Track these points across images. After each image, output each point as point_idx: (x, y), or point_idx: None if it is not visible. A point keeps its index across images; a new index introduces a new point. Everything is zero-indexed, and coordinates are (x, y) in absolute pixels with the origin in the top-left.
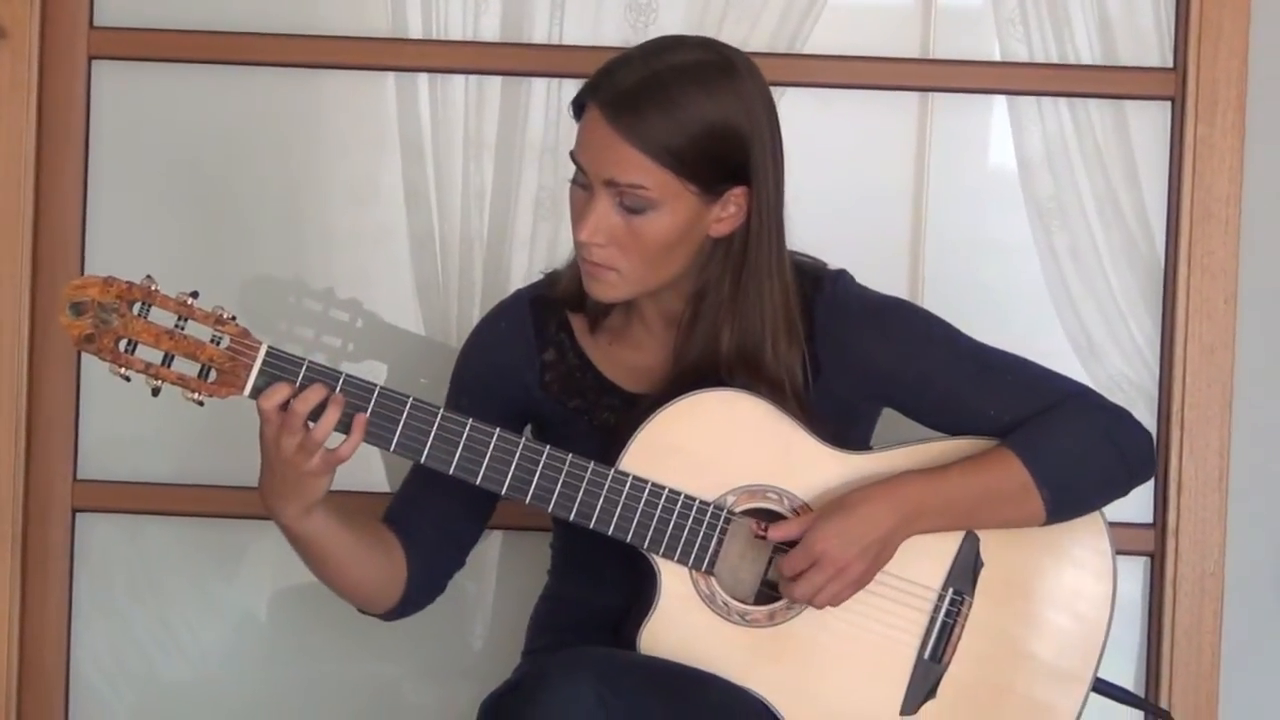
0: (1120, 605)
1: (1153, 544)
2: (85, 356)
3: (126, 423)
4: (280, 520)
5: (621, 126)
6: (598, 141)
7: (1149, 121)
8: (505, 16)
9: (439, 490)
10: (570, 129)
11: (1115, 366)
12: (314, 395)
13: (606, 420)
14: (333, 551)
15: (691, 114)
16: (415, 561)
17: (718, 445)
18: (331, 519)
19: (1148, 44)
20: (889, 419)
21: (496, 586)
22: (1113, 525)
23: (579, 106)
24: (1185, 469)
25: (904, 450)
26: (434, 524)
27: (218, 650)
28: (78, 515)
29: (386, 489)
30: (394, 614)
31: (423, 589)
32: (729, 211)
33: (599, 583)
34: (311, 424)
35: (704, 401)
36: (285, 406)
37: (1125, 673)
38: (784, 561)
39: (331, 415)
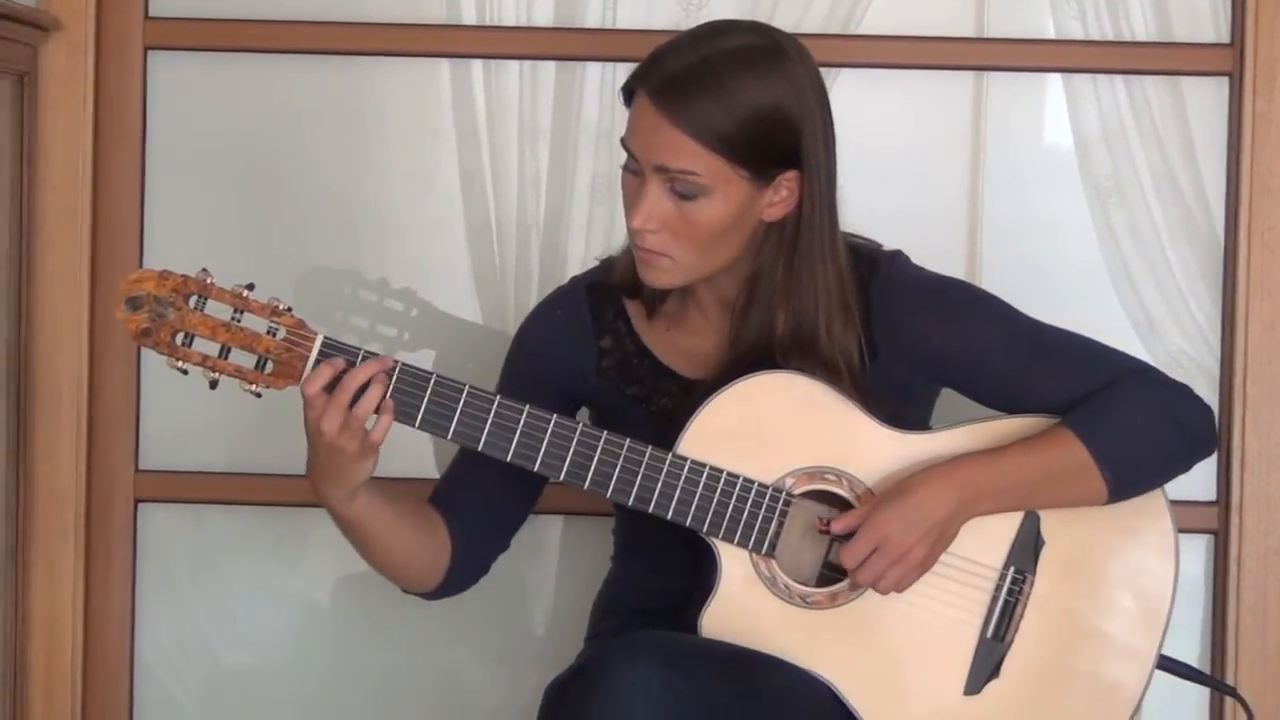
0: (1185, 584)
1: (1216, 521)
2: (144, 349)
3: (187, 413)
4: (327, 504)
5: (671, 112)
6: (648, 128)
7: (1206, 97)
8: (558, 2)
9: (484, 473)
10: (624, 113)
11: (1175, 344)
12: (361, 374)
13: (664, 406)
14: (378, 533)
15: (741, 99)
16: (459, 543)
17: (775, 427)
18: (376, 501)
19: (1204, 20)
20: (948, 398)
21: (558, 572)
22: (1176, 503)
23: (629, 93)
24: (1248, 445)
25: (962, 430)
26: (479, 506)
27: (280, 637)
28: (140, 505)
29: (436, 474)
30: (436, 594)
31: (466, 570)
32: (781, 196)
33: (661, 567)
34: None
35: (760, 384)
36: (330, 389)
37: (1190, 651)
38: (846, 549)
39: (373, 394)
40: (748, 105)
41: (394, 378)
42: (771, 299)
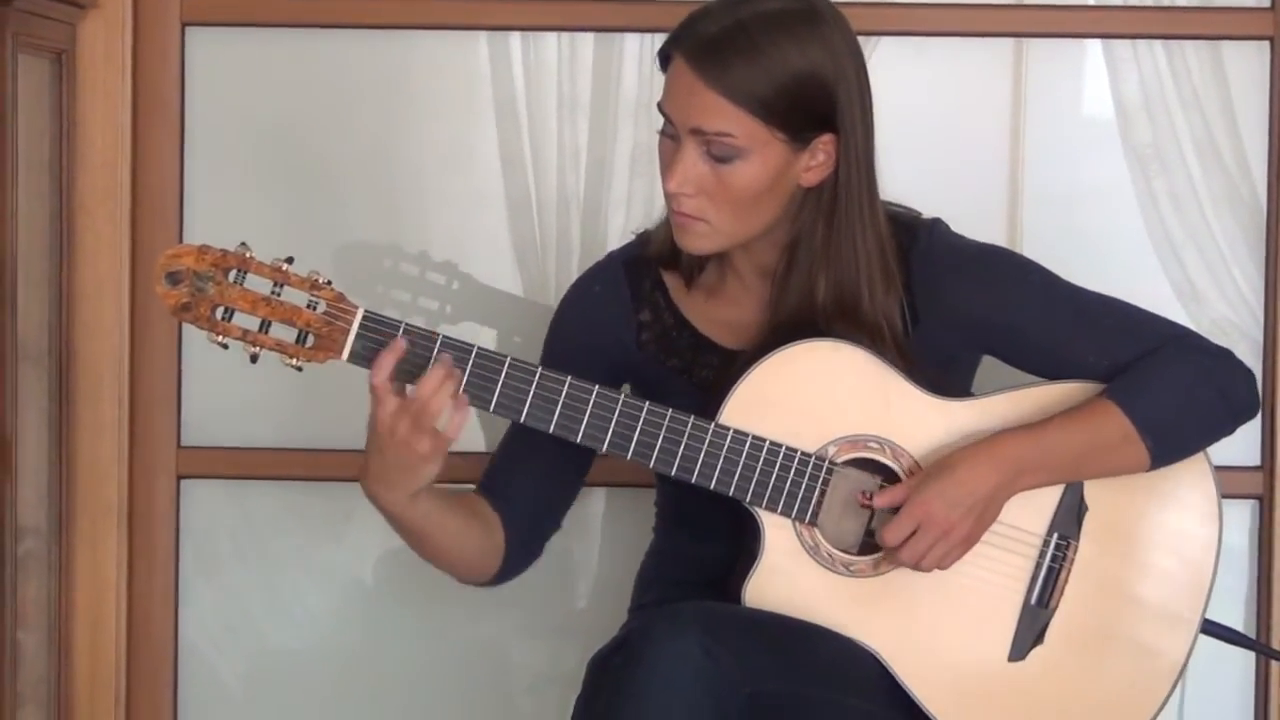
0: (1228, 551)
1: (1261, 487)
2: (186, 325)
3: (229, 389)
4: (387, 508)
5: (706, 75)
6: (683, 90)
7: (1247, 63)
8: None
9: (532, 457)
10: (663, 85)
11: (1218, 311)
12: (436, 377)
13: (705, 378)
14: (434, 533)
15: (776, 61)
16: (512, 530)
17: (817, 396)
18: (434, 502)
19: None
20: (989, 365)
21: (601, 545)
22: (1220, 469)
23: (665, 58)
24: None
25: (1004, 396)
26: (529, 491)
27: (324, 614)
28: (182, 482)
29: (484, 448)
30: (492, 583)
31: (520, 556)
32: (818, 160)
33: (704, 537)
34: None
35: (802, 352)
36: (393, 379)
37: (1235, 617)
38: (887, 528)
39: (446, 390)
40: (783, 68)
41: (435, 348)
42: (812, 265)
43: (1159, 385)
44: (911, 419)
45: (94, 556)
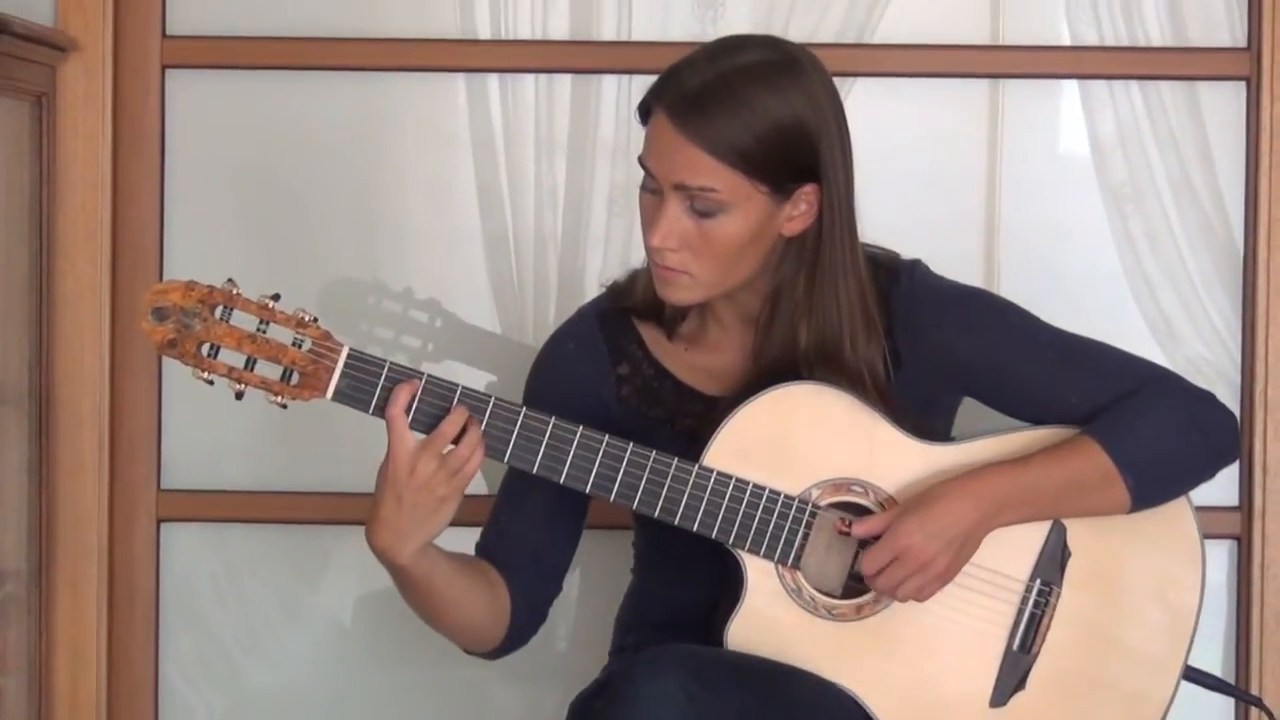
0: (1208, 591)
1: (1239, 527)
2: (166, 366)
3: (209, 431)
4: (398, 560)
5: (688, 129)
6: (666, 145)
7: (1223, 102)
8: (573, 14)
9: (528, 520)
10: (641, 126)
11: (1194, 350)
12: (460, 415)
13: (688, 426)
14: (444, 589)
15: (758, 114)
16: (516, 594)
17: (801, 439)
18: (443, 555)
19: (1219, 24)
20: (971, 409)
21: (580, 586)
22: (1198, 509)
23: (645, 111)
24: (1270, 451)
25: (987, 441)
26: (527, 555)
27: (303, 656)
28: (162, 525)
29: (485, 491)
30: (501, 650)
31: (527, 621)
32: (800, 210)
33: (684, 579)
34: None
35: (785, 396)
36: (408, 412)
37: (1214, 659)
38: (866, 557)
39: (472, 434)
40: (765, 120)
41: (419, 388)
42: (794, 313)
43: (1141, 426)
44: (894, 462)
45: (74, 600)
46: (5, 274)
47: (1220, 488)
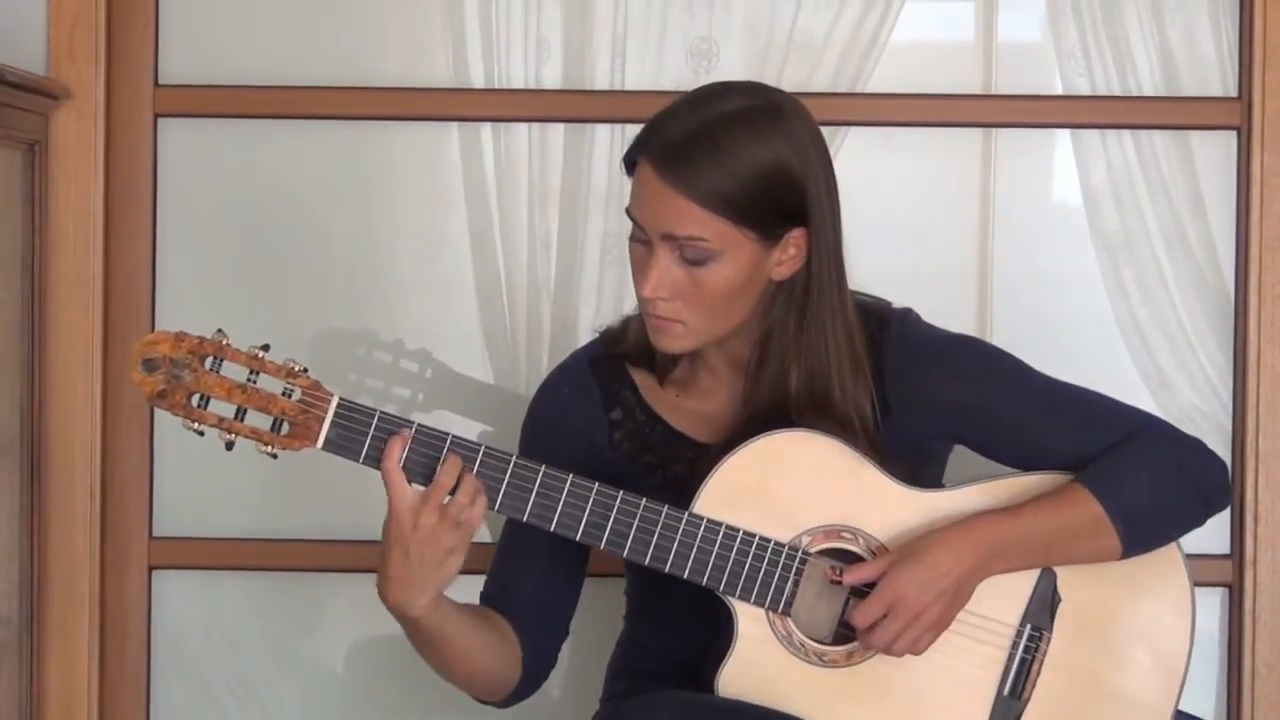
0: (1199, 638)
1: (1230, 575)
2: (158, 414)
3: (200, 479)
4: (411, 614)
5: (674, 179)
6: (652, 196)
7: (1214, 151)
8: (566, 64)
9: (529, 569)
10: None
11: (1186, 398)
12: (454, 464)
13: (679, 473)
14: (456, 639)
15: (743, 160)
16: (524, 644)
17: (791, 486)
18: (454, 606)
19: (1210, 74)
20: (961, 456)
21: (572, 635)
22: (1189, 557)
23: (630, 163)
24: (1261, 499)
25: (977, 487)
26: (531, 603)
27: (296, 705)
28: (154, 573)
29: (488, 539)
30: (513, 697)
31: (537, 668)
32: (789, 254)
33: (675, 626)
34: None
35: (775, 442)
36: (406, 467)
37: (1205, 707)
38: (857, 611)
39: (468, 483)
40: (750, 166)
41: (410, 439)
42: (785, 357)
43: (1132, 474)
44: (884, 509)
45: (66, 647)
46: None
47: (1212, 535)
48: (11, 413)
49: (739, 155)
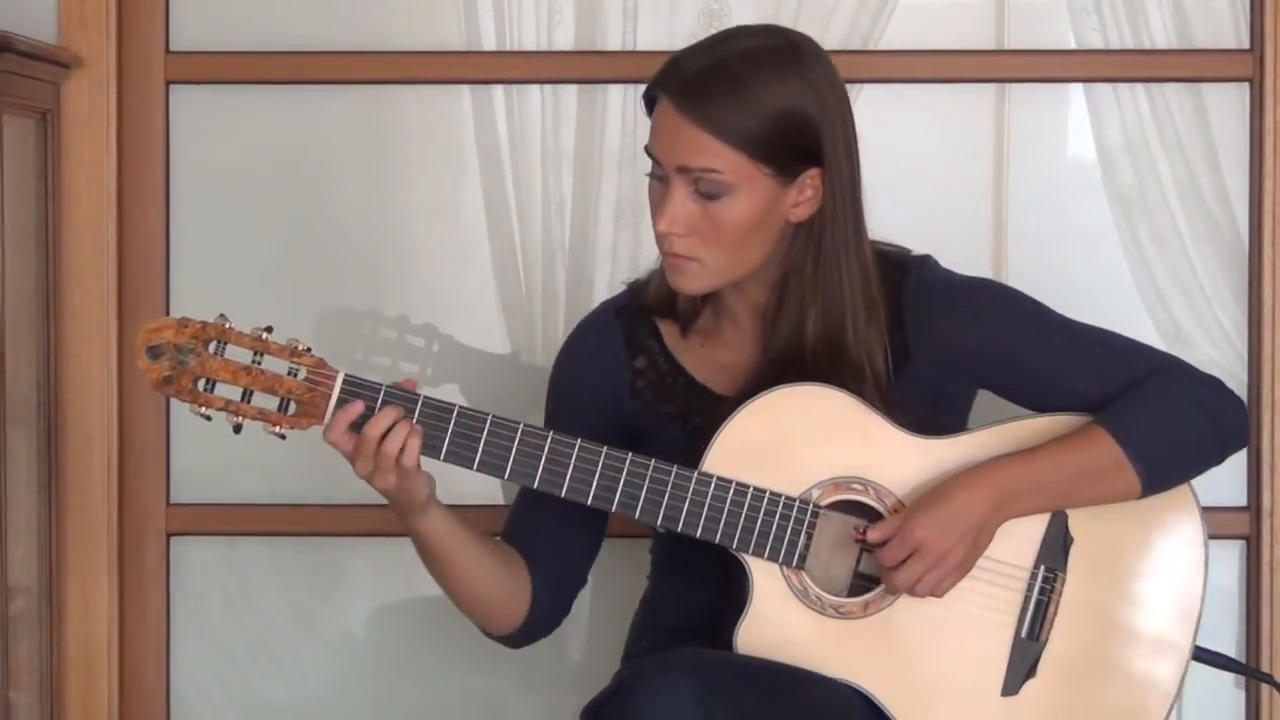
0: (1217, 592)
1: (1248, 527)
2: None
3: (217, 446)
4: (402, 524)
5: (691, 112)
6: (669, 130)
7: (1227, 104)
8: (579, 25)
9: (550, 509)
10: (647, 135)
11: (1203, 352)
12: (381, 421)
13: (699, 425)
14: (457, 553)
15: (760, 97)
16: (538, 578)
17: (799, 440)
18: (451, 518)
19: (1224, 25)
20: (979, 405)
21: (593, 595)
22: (1206, 509)
23: (650, 100)
24: (1278, 451)
25: (987, 431)
26: (551, 543)
27: (316, 669)
28: (172, 539)
29: (503, 501)
30: (521, 634)
31: (549, 609)
32: (805, 195)
33: (696, 583)
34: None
35: (782, 397)
36: (357, 429)
37: None
38: (883, 552)
39: (397, 435)
40: (767, 103)
41: (416, 413)
42: (802, 299)
43: (1150, 413)
44: (894, 459)
45: (85, 615)
46: (12, 291)
47: (1228, 488)
48: (29, 383)
49: (756, 90)
